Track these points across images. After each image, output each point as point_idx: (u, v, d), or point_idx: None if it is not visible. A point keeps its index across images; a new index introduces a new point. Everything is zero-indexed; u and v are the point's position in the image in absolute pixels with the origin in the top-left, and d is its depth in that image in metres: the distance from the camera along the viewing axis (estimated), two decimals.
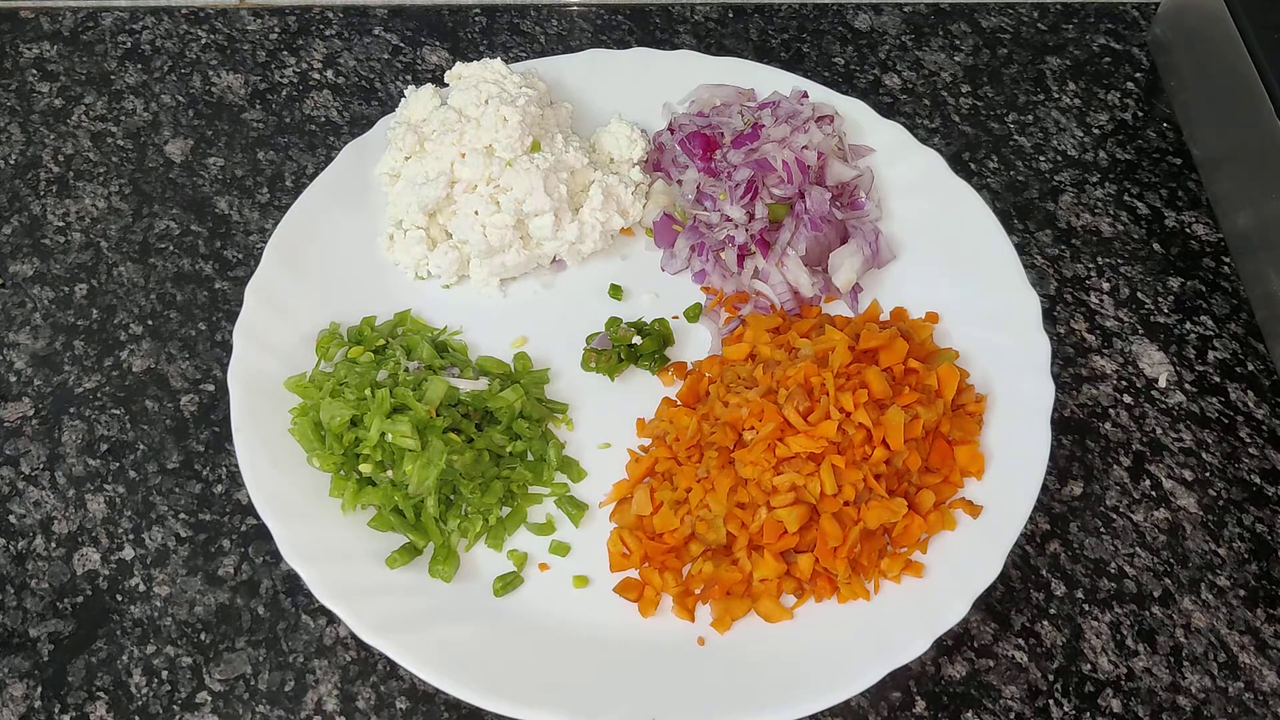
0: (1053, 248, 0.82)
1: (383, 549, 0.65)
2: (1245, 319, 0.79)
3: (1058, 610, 0.66)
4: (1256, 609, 0.67)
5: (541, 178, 0.74)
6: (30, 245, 0.81)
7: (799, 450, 0.63)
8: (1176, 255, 0.82)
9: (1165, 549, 0.69)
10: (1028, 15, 0.96)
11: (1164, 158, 0.87)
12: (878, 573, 0.64)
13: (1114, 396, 0.75)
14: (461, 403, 0.68)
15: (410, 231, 0.76)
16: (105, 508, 0.70)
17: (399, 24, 0.95)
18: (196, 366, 0.75)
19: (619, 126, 0.81)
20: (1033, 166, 0.86)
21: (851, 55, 0.93)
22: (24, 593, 0.67)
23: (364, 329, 0.73)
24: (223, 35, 0.94)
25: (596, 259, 0.78)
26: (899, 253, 0.77)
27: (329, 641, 0.65)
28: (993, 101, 0.90)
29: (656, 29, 0.94)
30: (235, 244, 0.81)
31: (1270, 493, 0.71)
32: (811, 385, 0.65)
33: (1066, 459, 0.72)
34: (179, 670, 0.64)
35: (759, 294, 0.75)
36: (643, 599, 0.64)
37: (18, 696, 0.63)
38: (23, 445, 0.72)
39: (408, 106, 0.79)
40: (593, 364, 0.73)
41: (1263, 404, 0.75)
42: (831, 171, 0.78)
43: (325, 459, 0.66)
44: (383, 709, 0.63)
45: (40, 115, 0.88)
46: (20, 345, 0.76)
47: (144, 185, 0.84)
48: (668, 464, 0.67)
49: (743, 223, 0.76)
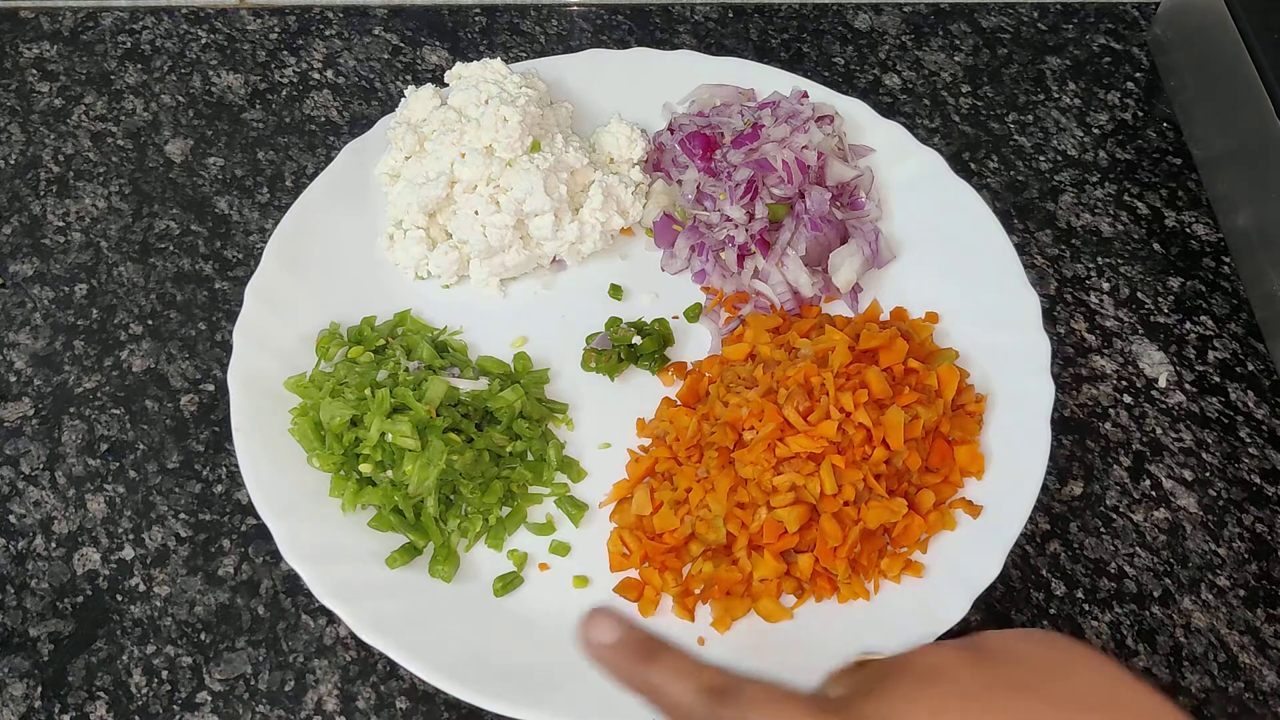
0: (1053, 248, 0.82)
1: (383, 549, 0.65)
2: (1245, 319, 0.79)
3: (1058, 610, 0.67)
4: (1256, 609, 0.67)
5: (541, 178, 0.74)
6: (30, 245, 0.81)
7: (799, 450, 0.63)
8: (1176, 255, 0.82)
9: (1165, 549, 0.69)
10: (1028, 15, 0.96)
11: (1164, 158, 0.87)
12: (878, 573, 0.64)
13: (1114, 396, 0.75)
14: (461, 403, 0.68)
15: (410, 231, 0.76)
16: (105, 508, 0.70)
17: (399, 24, 0.95)
18: (196, 366, 0.75)
19: (619, 126, 0.81)
20: (1033, 166, 0.86)
21: (851, 55, 0.93)
22: (24, 593, 0.67)
23: (364, 329, 0.73)
24: (223, 35, 0.94)
25: (596, 259, 0.78)
26: (899, 253, 0.77)
27: (329, 641, 0.65)
28: (993, 101, 0.90)
29: (656, 29, 0.94)
30: (235, 244, 0.81)
31: (1270, 493, 0.71)
32: (811, 385, 0.65)
33: (1066, 459, 0.72)
34: (179, 670, 0.64)
35: (759, 294, 0.75)
36: (643, 599, 0.64)
37: (18, 696, 0.63)
38: (23, 445, 0.72)
39: (408, 106, 0.79)
40: (593, 364, 0.73)
41: (1263, 404, 0.75)
42: (831, 171, 0.78)
43: (325, 459, 0.66)
44: (383, 709, 0.63)
45: (40, 115, 0.88)
46: (20, 345, 0.76)
47: (144, 185, 0.84)
48: (668, 464, 0.67)
49: (743, 223, 0.76)
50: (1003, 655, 0.50)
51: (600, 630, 0.51)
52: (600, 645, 0.51)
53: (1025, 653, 0.50)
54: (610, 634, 0.51)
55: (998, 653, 0.50)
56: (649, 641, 0.51)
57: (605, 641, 0.51)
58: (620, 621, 0.51)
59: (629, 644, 0.51)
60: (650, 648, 0.51)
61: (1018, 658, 0.49)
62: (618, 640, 0.51)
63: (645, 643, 0.51)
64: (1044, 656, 0.49)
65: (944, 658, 0.49)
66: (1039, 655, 0.49)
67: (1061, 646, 0.51)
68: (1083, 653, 0.50)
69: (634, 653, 0.50)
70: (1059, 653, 0.50)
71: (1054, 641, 0.51)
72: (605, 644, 0.51)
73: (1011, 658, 0.49)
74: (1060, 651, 0.50)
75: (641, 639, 0.51)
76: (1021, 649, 0.50)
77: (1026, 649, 0.50)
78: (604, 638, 0.51)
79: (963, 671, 0.48)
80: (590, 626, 0.51)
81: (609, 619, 0.51)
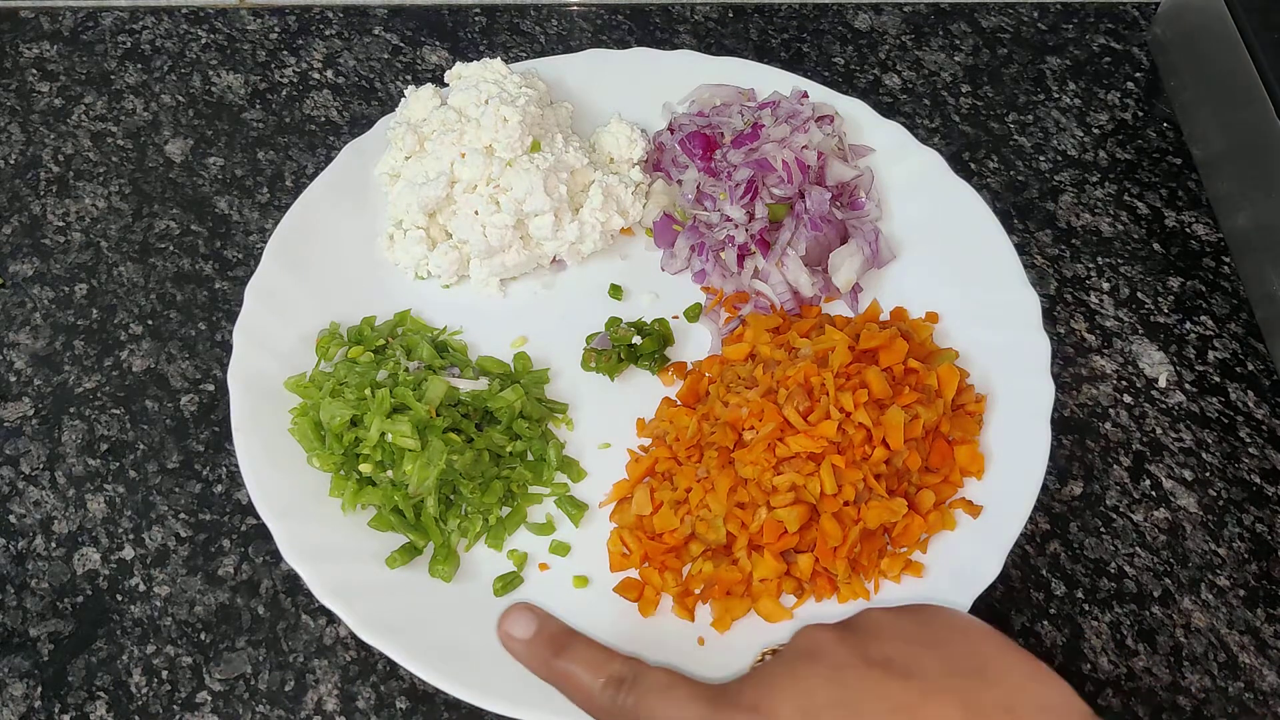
0: (1053, 248, 0.82)
1: (383, 549, 0.65)
2: (1245, 319, 0.79)
3: (1058, 610, 0.67)
4: (1256, 609, 0.67)
5: (541, 178, 0.74)
6: (30, 245, 0.81)
7: (799, 450, 0.63)
8: (1176, 255, 0.82)
9: (1165, 549, 0.69)
10: (1028, 15, 0.96)
11: (1164, 158, 0.87)
12: (878, 572, 0.64)
13: (1114, 396, 0.75)
14: (461, 403, 0.68)
15: (410, 231, 0.76)
16: (105, 507, 0.70)
17: (399, 24, 0.95)
18: (196, 366, 0.75)
19: (619, 126, 0.81)
20: (1033, 166, 0.86)
21: (851, 55, 0.93)
22: (24, 593, 0.67)
23: (364, 329, 0.73)
24: (223, 35, 0.94)
25: (596, 259, 0.78)
26: (899, 253, 0.77)
27: (329, 641, 0.65)
28: (993, 101, 0.90)
29: (656, 29, 0.94)
30: (235, 244, 0.81)
31: (1270, 493, 0.71)
32: (811, 385, 0.65)
33: (1066, 459, 0.72)
34: (179, 670, 0.64)
35: (759, 294, 0.75)
36: (643, 599, 0.64)
37: (18, 696, 0.63)
38: (23, 445, 0.72)
39: (408, 106, 0.79)
40: (593, 364, 0.73)
41: (1263, 404, 0.75)
42: (831, 171, 0.78)
43: (325, 459, 0.66)
44: (383, 709, 0.63)
45: (40, 115, 0.88)
46: (20, 345, 0.76)
47: (144, 185, 0.84)
48: (668, 464, 0.67)
49: (743, 223, 0.76)
50: (876, 632, 0.52)
51: (516, 625, 0.55)
52: (516, 639, 0.55)
53: (899, 628, 0.52)
54: (526, 628, 0.55)
55: (872, 630, 0.52)
56: (562, 634, 0.55)
57: (521, 636, 0.55)
58: (536, 615, 0.55)
59: (543, 637, 0.55)
60: (562, 641, 0.55)
61: (891, 634, 0.51)
62: (533, 634, 0.55)
63: (558, 636, 0.55)
64: (916, 632, 0.51)
65: (819, 638, 0.51)
66: (912, 631, 0.51)
67: (942, 621, 0.53)
68: (964, 627, 0.52)
69: (547, 645, 0.54)
70: (935, 628, 0.52)
71: (932, 616, 0.53)
72: (521, 638, 0.55)
73: (885, 634, 0.51)
74: (937, 627, 0.52)
75: (555, 632, 0.55)
76: (896, 625, 0.52)
77: (901, 625, 0.52)
78: (520, 632, 0.55)
79: (835, 650, 0.50)
80: (507, 621, 0.55)
81: (525, 613, 0.55)
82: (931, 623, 0.52)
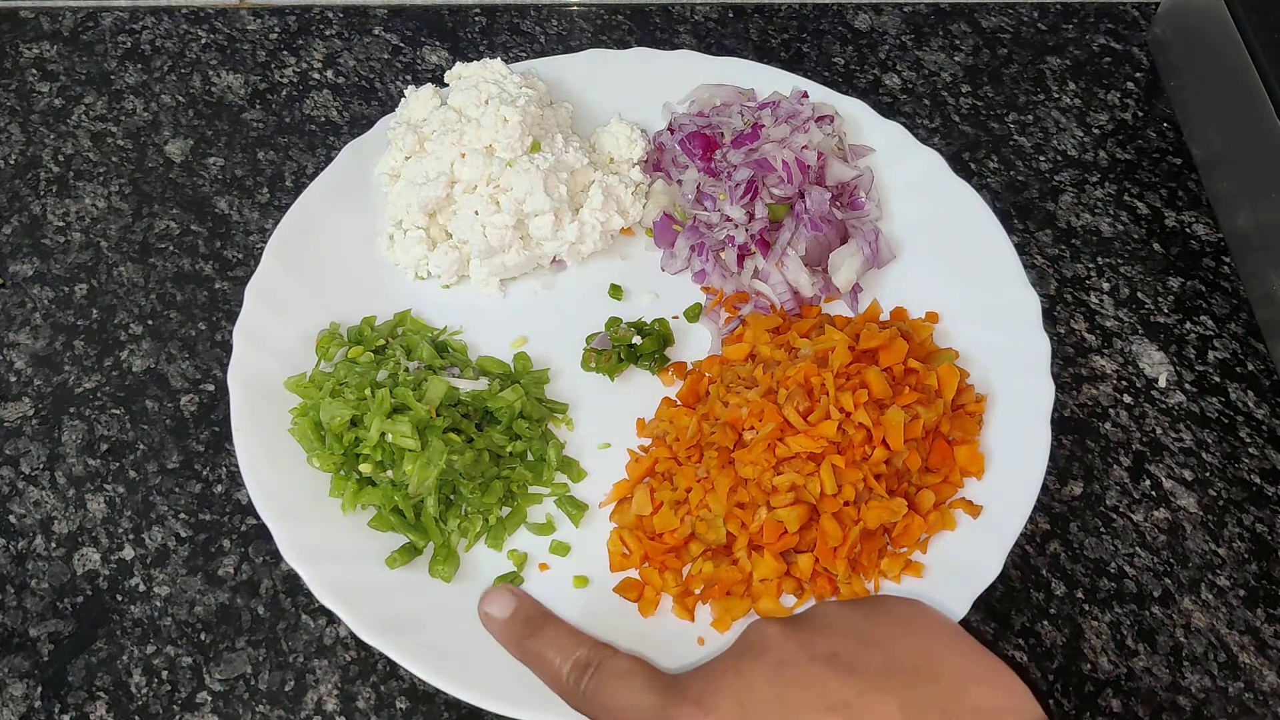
0: (1053, 248, 0.82)
1: (383, 549, 0.65)
2: (1245, 319, 0.79)
3: (1058, 610, 0.67)
4: (1256, 609, 0.67)
5: (541, 178, 0.74)
6: (30, 245, 0.81)
7: (799, 450, 0.63)
8: (1176, 255, 0.82)
9: (1165, 549, 0.69)
10: (1028, 15, 0.96)
11: (1164, 158, 0.87)
12: (878, 573, 0.64)
13: (1114, 396, 0.75)
14: (461, 403, 0.68)
15: (410, 231, 0.76)
16: (105, 508, 0.70)
17: (399, 24, 0.95)
18: (196, 366, 0.75)
19: (619, 126, 0.81)
20: (1033, 166, 0.86)
21: (851, 55, 0.93)
22: (24, 593, 0.67)
23: (364, 329, 0.73)
24: (223, 35, 0.94)
25: (596, 259, 0.79)
26: (899, 253, 0.77)
27: (329, 641, 0.65)
28: (993, 101, 0.90)
29: (656, 29, 0.94)
30: (235, 244, 0.81)
31: (1270, 493, 0.71)
32: (811, 385, 0.65)
33: (1066, 459, 0.72)
34: (179, 670, 0.64)
35: (759, 294, 0.75)
36: (643, 599, 0.64)
37: (18, 696, 0.63)
38: (23, 445, 0.72)
39: (408, 106, 0.79)
40: (593, 364, 0.73)
41: (1263, 404, 0.75)
42: (831, 171, 0.78)
43: (325, 459, 0.66)
44: (383, 709, 0.63)
45: (40, 115, 0.88)
46: (20, 345, 0.76)
47: (144, 185, 0.84)
48: (668, 464, 0.67)
49: (743, 223, 0.76)
50: (823, 627, 0.52)
51: (494, 604, 0.57)
52: (494, 618, 0.57)
53: (848, 623, 0.52)
54: (504, 608, 0.57)
55: (819, 625, 0.53)
56: (537, 616, 0.57)
57: (498, 615, 0.57)
58: (514, 596, 0.57)
59: (519, 618, 0.57)
60: (537, 623, 0.57)
61: (839, 629, 0.52)
62: (510, 614, 0.57)
63: (534, 618, 0.57)
64: (864, 628, 0.52)
65: (766, 633, 0.52)
66: (860, 626, 0.52)
67: (894, 616, 0.53)
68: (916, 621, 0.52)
69: (522, 626, 0.56)
70: (884, 624, 0.52)
71: (884, 611, 0.54)
72: (498, 617, 0.57)
73: (833, 629, 0.52)
74: (888, 622, 0.52)
75: (530, 614, 0.57)
76: (845, 620, 0.53)
77: (850, 620, 0.53)
78: (497, 611, 0.57)
79: (781, 645, 0.51)
80: (487, 601, 0.57)
81: (504, 594, 0.58)
82: (882, 618, 0.52)
